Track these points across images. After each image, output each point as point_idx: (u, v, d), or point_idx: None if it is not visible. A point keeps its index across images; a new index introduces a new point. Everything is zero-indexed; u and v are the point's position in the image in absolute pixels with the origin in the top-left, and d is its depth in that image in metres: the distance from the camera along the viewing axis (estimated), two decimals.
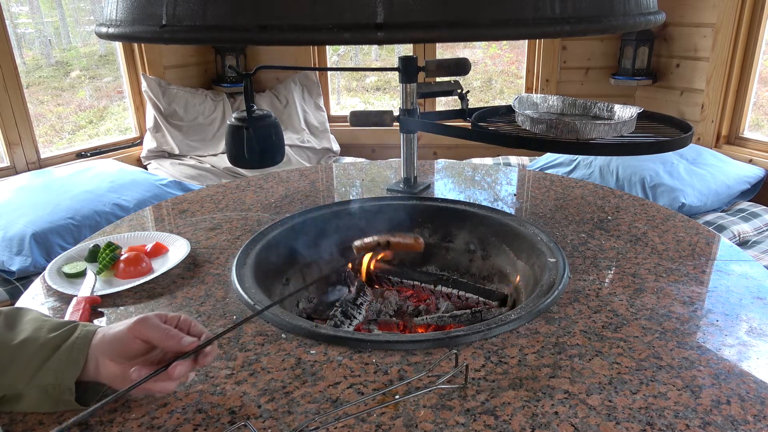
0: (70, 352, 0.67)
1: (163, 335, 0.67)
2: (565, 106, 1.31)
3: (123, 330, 0.68)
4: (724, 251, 1.12)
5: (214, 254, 1.13)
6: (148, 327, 0.67)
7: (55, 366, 0.67)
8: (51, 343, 0.68)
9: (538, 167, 2.72)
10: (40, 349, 0.67)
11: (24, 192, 2.16)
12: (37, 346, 0.68)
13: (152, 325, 0.67)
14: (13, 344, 0.67)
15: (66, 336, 0.69)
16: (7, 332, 0.69)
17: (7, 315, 0.72)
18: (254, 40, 0.61)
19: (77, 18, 4.14)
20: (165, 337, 0.67)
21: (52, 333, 0.69)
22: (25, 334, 0.69)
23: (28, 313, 0.74)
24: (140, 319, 0.68)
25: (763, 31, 2.56)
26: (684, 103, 2.87)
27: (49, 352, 0.67)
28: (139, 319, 0.68)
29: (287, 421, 0.68)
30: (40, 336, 0.69)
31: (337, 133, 3.28)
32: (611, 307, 0.92)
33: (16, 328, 0.70)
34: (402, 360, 0.79)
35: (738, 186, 2.40)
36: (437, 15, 0.59)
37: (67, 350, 0.68)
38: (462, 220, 1.30)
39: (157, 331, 0.67)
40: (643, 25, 0.73)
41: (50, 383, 0.66)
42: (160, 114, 2.95)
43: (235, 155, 1.21)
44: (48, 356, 0.67)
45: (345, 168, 1.72)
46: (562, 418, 0.68)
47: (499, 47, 5.41)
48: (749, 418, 0.68)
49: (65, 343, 0.68)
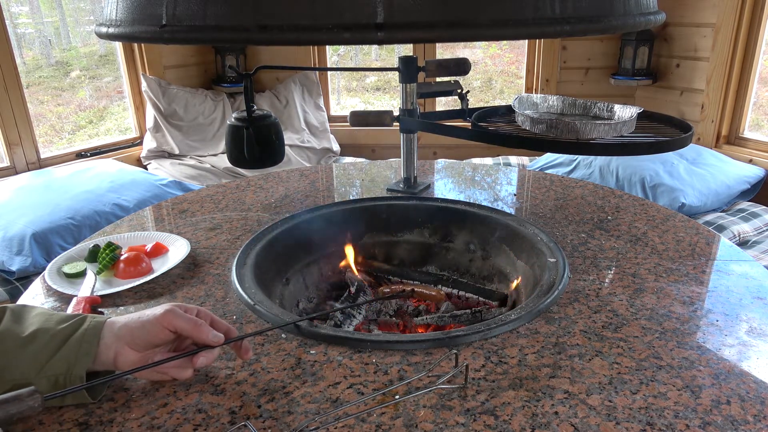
0: (81, 342, 0.69)
1: (194, 326, 0.71)
2: (565, 106, 1.31)
3: (151, 319, 0.70)
4: (724, 251, 1.12)
5: (214, 254, 1.13)
6: (178, 317, 0.70)
7: (66, 355, 0.68)
8: (61, 333, 0.69)
9: (538, 167, 2.72)
10: (50, 339, 0.68)
11: (24, 192, 2.16)
12: (48, 336, 0.69)
13: (182, 316, 0.71)
14: (24, 336, 0.68)
15: (76, 326, 0.70)
16: (15, 325, 0.70)
17: (13, 310, 0.73)
18: (254, 40, 0.61)
19: (77, 18, 4.14)
20: (194, 328, 0.71)
21: (61, 324, 0.71)
22: (35, 326, 0.70)
23: (34, 308, 0.75)
24: (169, 309, 0.71)
25: (763, 31, 2.56)
26: (684, 103, 2.87)
27: (60, 342, 0.68)
28: (168, 310, 0.71)
29: (287, 421, 0.68)
30: (50, 327, 0.70)
31: (337, 133, 3.28)
32: (611, 307, 0.92)
33: (24, 321, 0.71)
34: (402, 360, 0.79)
35: (738, 186, 2.40)
36: (437, 15, 0.59)
37: (77, 340, 0.69)
38: (462, 220, 1.30)
39: (188, 323, 0.71)
40: (643, 25, 0.73)
41: (61, 373, 0.67)
42: (160, 114, 2.95)
43: (235, 155, 1.21)
44: (59, 346, 0.68)
45: (345, 168, 1.72)
46: (562, 418, 0.68)
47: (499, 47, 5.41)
48: (749, 418, 0.68)
49: (75, 333, 0.70)
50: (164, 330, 0.70)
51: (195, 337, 0.72)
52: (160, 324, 0.70)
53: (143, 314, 0.72)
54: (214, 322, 0.75)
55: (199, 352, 0.71)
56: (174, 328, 0.70)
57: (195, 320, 0.71)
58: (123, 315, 0.74)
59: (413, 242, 1.35)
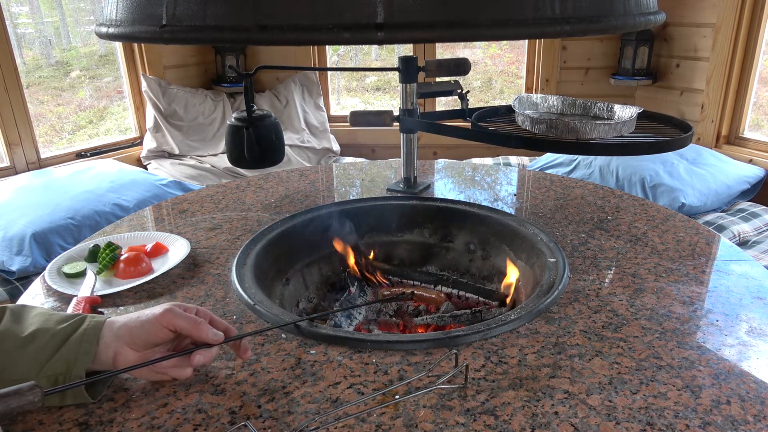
0: (81, 341, 0.69)
1: (193, 325, 0.71)
2: (565, 106, 1.31)
3: (150, 318, 0.70)
4: (724, 251, 1.12)
5: (214, 254, 1.13)
6: (178, 316, 0.70)
7: (65, 355, 0.68)
8: (61, 333, 0.69)
9: (538, 167, 2.72)
10: (50, 339, 0.68)
11: (24, 192, 2.16)
12: (48, 336, 0.69)
13: (181, 315, 0.71)
14: (24, 335, 0.68)
15: (76, 326, 0.71)
16: (15, 325, 0.70)
17: (12, 310, 0.73)
18: (254, 40, 0.61)
19: (77, 18, 4.14)
20: (194, 327, 0.71)
21: (61, 324, 0.71)
22: (35, 326, 0.70)
23: (33, 309, 0.75)
24: (168, 308, 0.71)
25: (763, 31, 2.56)
26: (684, 103, 2.87)
27: (60, 342, 0.68)
28: (167, 309, 0.71)
29: (287, 421, 0.68)
30: (50, 327, 0.70)
31: (337, 133, 3.28)
32: (611, 307, 0.92)
33: (23, 321, 0.71)
34: (402, 360, 0.79)
35: (738, 186, 2.40)
36: (437, 15, 0.59)
37: (77, 340, 0.69)
38: (462, 220, 1.30)
39: (188, 321, 0.71)
40: (643, 25, 0.73)
41: (61, 372, 0.67)
42: (160, 114, 2.95)
43: (235, 155, 1.21)
44: (59, 346, 0.68)
45: (345, 168, 1.72)
46: (562, 418, 0.68)
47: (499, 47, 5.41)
48: (749, 418, 0.68)
49: (75, 332, 0.70)
50: (163, 329, 0.70)
51: (194, 336, 0.72)
52: (159, 323, 0.70)
53: (142, 314, 0.72)
54: (213, 321, 0.75)
55: (197, 351, 0.71)
56: (173, 327, 0.70)
57: (194, 318, 0.71)
58: (122, 315, 0.74)
59: (413, 242, 1.35)
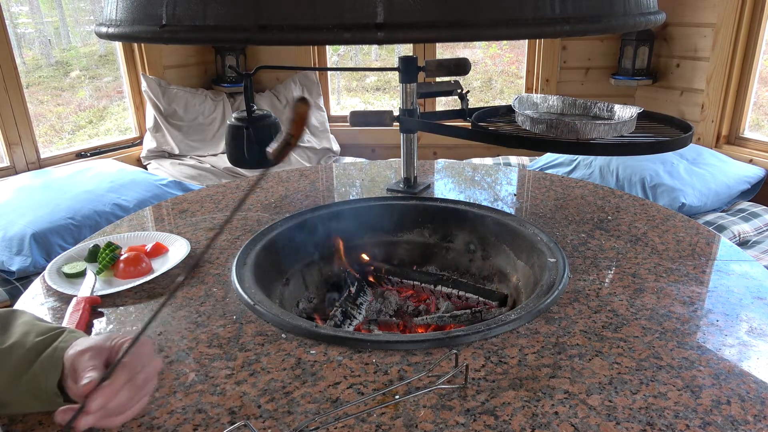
0: (52, 357, 0.66)
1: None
2: (565, 106, 1.31)
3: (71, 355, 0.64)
4: (724, 251, 1.12)
5: (214, 254, 1.13)
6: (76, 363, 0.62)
7: (38, 371, 0.66)
8: (36, 347, 0.67)
9: (538, 167, 2.72)
10: (26, 353, 0.67)
11: (24, 192, 2.15)
12: (24, 350, 0.67)
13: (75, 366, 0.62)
14: (3, 348, 0.67)
15: (51, 341, 0.68)
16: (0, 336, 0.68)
17: (0, 318, 0.71)
18: (254, 40, 0.61)
19: (77, 18, 4.14)
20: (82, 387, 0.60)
21: (39, 337, 0.68)
22: (14, 338, 0.68)
23: (21, 316, 0.73)
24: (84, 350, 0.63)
25: (763, 31, 2.56)
26: (684, 103, 2.87)
27: (34, 356, 0.67)
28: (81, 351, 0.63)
29: (287, 421, 0.68)
30: (27, 341, 0.68)
31: (337, 133, 3.28)
32: (611, 307, 0.92)
33: (7, 331, 0.69)
34: (402, 360, 0.79)
35: (738, 186, 2.40)
36: (437, 15, 0.59)
37: (49, 355, 0.67)
38: (462, 220, 1.30)
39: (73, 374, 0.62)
40: (643, 25, 0.73)
41: (36, 387, 0.66)
42: (160, 114, 2.95)
43: (235, 155, 1.22)
44: (33, 360, 0.66)
45: (345, 168, 1.72)
46: (562, 418, 0.68)
47: (499, 47, 5.40)
48: (749, 418, 0.68)
49: (48, 348, 0.67)
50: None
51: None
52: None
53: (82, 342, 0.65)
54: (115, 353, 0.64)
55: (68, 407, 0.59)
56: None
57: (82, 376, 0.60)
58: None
59: (413, 242, 1.35)
